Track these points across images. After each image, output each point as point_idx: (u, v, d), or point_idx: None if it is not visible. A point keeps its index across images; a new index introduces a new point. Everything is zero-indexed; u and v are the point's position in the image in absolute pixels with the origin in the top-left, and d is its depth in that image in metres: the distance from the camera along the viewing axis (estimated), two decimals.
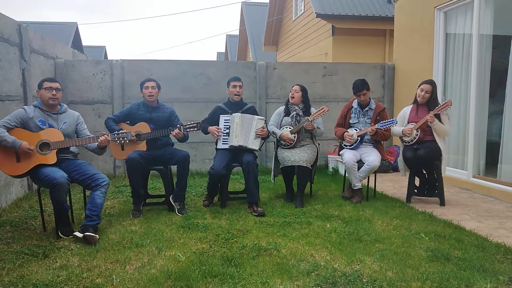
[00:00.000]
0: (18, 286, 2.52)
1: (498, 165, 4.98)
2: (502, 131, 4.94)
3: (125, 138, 3.72)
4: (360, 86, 4.55)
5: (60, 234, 3.38)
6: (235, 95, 4.54)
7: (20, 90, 4.97)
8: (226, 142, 4.42)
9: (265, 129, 4.43)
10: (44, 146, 3.41)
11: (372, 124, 4.59)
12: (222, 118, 4.46)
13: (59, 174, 3.27)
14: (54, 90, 3.54)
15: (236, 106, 4.57)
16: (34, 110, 3.50)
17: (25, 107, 3.52)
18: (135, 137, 4.08)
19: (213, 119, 4.54)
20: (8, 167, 3.35)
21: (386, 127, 4.44)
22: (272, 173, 4.81)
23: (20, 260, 2.91)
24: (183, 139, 4.25)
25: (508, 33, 4.84)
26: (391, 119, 4.46)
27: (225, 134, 4.44)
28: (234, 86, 4.53)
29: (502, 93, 5.01)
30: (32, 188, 5.18)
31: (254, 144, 4.38)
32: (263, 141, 4.49)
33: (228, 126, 4.42)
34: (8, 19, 4.74)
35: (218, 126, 4.47)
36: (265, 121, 4.52)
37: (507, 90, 4.83)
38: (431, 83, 4.53)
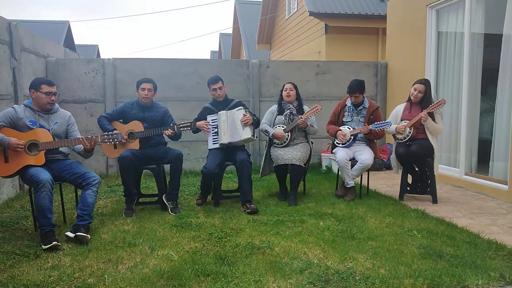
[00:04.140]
0: (8, 287, 2.49)
1: (490, 162, 5.02)
2: (493, 129, 4.98)
3: (116, 140, 3.67)
4: (354, 88, 4.55)
5: (42, 245, 3.09)
6: (217, 97, 4.50)
7: (10, 89, 4.92)
8: (217, 142, 4.40)
9: (247, 115, 4.33)
10: (33, 146, 3.36)
11: (365, 123, 4.60)
12: (210, 118, 4.44)
13: (44, 175, 3.21)
14: (53, 95, 3.50)
15: (222, 104, 4.54)
16: (25, 110, 3.45)
17: (15, 106, 3.46)
18: (126, 138, 4.05)
19: (201, 120, 4.51)
20: None
21: (380, 128, 4.46)
22: (261, 170, 4.79)
23: (11, 261, 2.88)
24: (175, 137, 4.23)
25: (499, 31, 4.87)
26: (386, 121, 4.48)
27: (214, 134, 4.42)
28: (214, 90, 4.47)
29: (494, 91, 5.05)
30: (23, 188, 5.13)
31: (245, 133, 4.29)
32: (252, 127, 4.41)
33: (216, 125, 4.40)
34: None
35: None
36: (245, 109, 4.43)
37: (498, 88, 4.87)
38: (425, 82, 4.55)
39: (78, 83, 6.28)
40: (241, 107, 4.43)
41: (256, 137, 4.53)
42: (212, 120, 4.42)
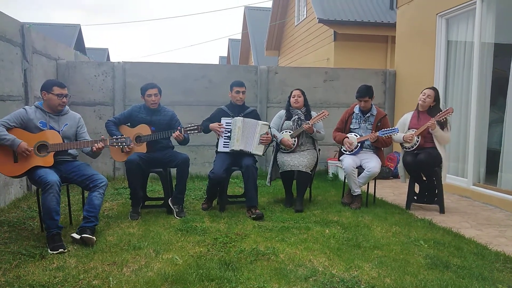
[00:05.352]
0: (14, 287, 2.50)
1: (499, 173, 4.97)
2: (502, 139, 4.94)
3: (124, 144, 3.69)
4: (364, 92, 4.55)
5: (49, 250, 3.10)
6: (237, 100, 4.54)
7: (21, 91, 4.98)
8: (227, 146, 4.41)
9: (269, 135, 4.41)
10: (42, 147, 3.40)
11: (373, 130, 4.59)
12: (224, 120, 4.45)
13: (52, 177, 3.23)
14: (64, 97, 3.53)
15: (238, 109, 4.56)
16: (35, 111, 3.48)
17: (26, 107, 3.50)
18: (134, 142, 4.07)
19: (214, 121, 4.53)
20: (5, 168, 3.34)
21: (387, 135, 4.44)
22: (269, 176, 4.79)
23: (17, 261, 2.90)
24: (183, 141, 4.24)
25: (509, 41, 4.85)
26: (393, 128, 4.46)
27: (226, 138, 4.43)
28: (237, 92, 4.52)
29: (503, 101, 5.01)
30: (31, 189, 5.17)
31: (257, 149, 4.36)
32: (267, 146, 4.47)
33: (229, 129, 4.41)
34: (11, 20, 4.76)
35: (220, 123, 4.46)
36: (269, 126, 4.50)
37: (508, 99, 4.82)
38: (434, 89, 4.56)
39: (88, 86, 6.34)
40: (267, 123, 4.47)
41: (264, 155, 4.58)
42: (226, 123, 4.43)
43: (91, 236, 3.24)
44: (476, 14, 5.25)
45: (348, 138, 4.62)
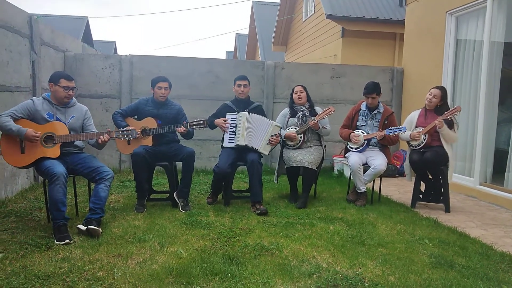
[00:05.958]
0: (20, 276, 2.53)
1: (506, 173, 4.93)
2: (510, 139, 4.89)
3: (130, 136, 3.71)
4: (372, 89, 4.53)
5: (55, 240, 3.13)
6: (240, 93, 4.54)
7: (29, 82, 5.00)
8: (233, 141, 4.41)
9: (279, 138, 4.41)
10: (49, 139, 3.42)
11: (380, 128, 4.56)
12: (229, 116, 4.45)
13: (59, 168, 3.25)
14: (71, 90, 3.55)
15: (243, 104, 4.57)
16: (43, 103, 3.50)
17: (33, 98, 3.52)
18: (140, 134, 4.08)
19: (219, 116, 4.53)
20: (12, 158, 3.36)
21: (395, 134, 4.41)
22: (276, 173, 4.80)
23: (23, 251, 2.93)
24: (187, 135, 4.25)
25: None
26: (400, 127, 4.43)
27: (231, 133, 4.43)
28: (239, 85, 4.53)
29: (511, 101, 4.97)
30: (38, 179, 5.21)
31: (265, 149, 4.35)
32: (273, 147, 4.48)
33: (234, 124, 4.41)
34: (19, 11, 4.77)
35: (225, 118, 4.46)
36: (281, 128, 4.50)
37: None
38: (441, 88, 4.51)
39: (95, 78, 6.36)
40: (279, 124, 4.48)
41: (269, 154, 4.60)
42: (231, 118, 4.43)
43: (97, 228, 3.26)
44: (486, 12, 5.19)
45: (353, 132, 4.61)
